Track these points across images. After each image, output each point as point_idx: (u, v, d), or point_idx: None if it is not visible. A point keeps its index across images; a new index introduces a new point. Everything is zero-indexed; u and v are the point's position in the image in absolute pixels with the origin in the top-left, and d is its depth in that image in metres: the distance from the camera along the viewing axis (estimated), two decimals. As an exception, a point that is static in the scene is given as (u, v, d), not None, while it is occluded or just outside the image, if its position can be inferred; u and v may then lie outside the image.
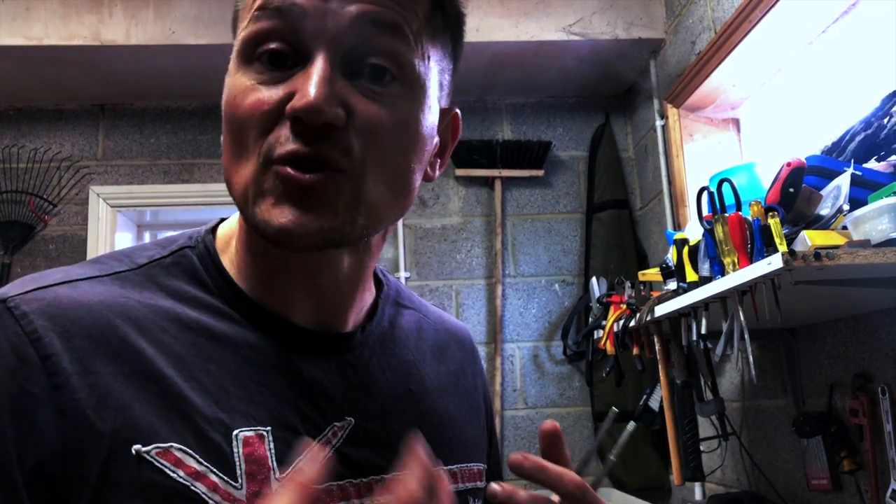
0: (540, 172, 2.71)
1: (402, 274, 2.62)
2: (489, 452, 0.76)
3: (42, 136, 2.67)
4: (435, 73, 0.58)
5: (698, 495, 2.09)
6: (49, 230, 2.60)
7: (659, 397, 2.22)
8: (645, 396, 2.31)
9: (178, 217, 2.87)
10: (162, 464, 0.49)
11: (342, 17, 0.51)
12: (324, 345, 0.60)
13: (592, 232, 2.66)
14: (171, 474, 0.49)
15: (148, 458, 0.49)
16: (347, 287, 0.61)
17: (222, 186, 2.61)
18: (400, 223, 2.61)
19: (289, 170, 0.50)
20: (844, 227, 1.14)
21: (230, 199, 0.55)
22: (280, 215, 0.51)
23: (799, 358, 1.63)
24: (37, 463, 0.47)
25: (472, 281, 2.67)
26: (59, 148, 2.66)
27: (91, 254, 2.55)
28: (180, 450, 0.50)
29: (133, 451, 0.48)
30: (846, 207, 1.16)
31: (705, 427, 1.69)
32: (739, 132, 2.29)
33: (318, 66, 0.50)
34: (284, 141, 0.50)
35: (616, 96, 2.81)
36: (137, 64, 2.42)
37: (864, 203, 1.13)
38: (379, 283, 0.70)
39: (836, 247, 1.05)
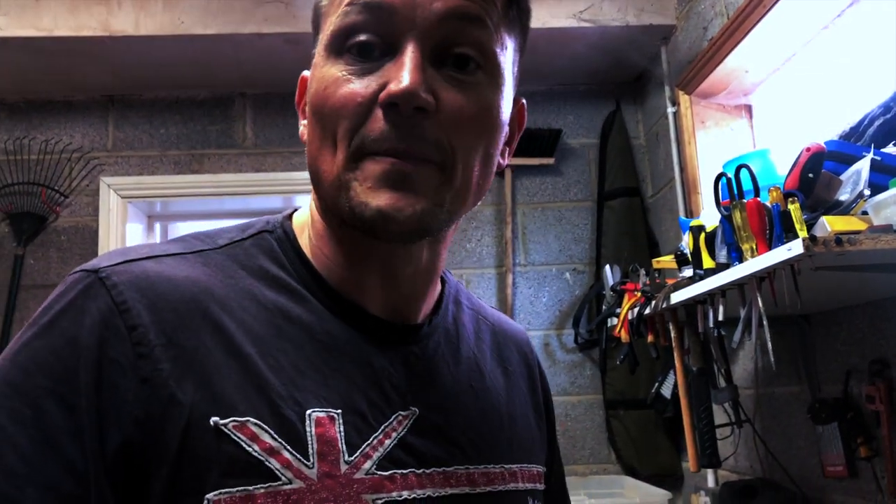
0: (550, 160, 2.69)
1: (413, 263, 2.61)
2: (551, 459, 0.77)
3: (52, 127, 2.67)
4: (510, 62, 0.61)
5: (711, 482, 2.09)
6: (60, 221, 2.60)
7: (671, 385, 2.22)
8: (657, 384, 2.31)
9: (189, 207, 2.85)
10: (239, 437, 0.50)
11: (430, 13, 0.53)
12: (392, 334, 0.61)
13: (603, 220, 2.65)
14: (248, 448, 0.50)
15: (225, 430, 0.49)
16: (423, 279, 0.63)
17: (232, 177, 2.63)
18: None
19: (386, 159, 0.53)
20: (864, 213, 1.13)
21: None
22: (377, 198, 0.53)
23: (814, 344, 1.62)
24: (123, 437, 0.48)
25: (482, 270, 2.66)
26: (70, 139, 2.66)
27: (103, 245, 2.55)
28: (256, 424, 0.50)
29: (211, 423, 0.49)
30: (867, 192, 1.15)
31: (718, 414, 1.69)
32: (752, 119, 2.27)
33: (410, 55, 0.53)
34: (380, 135, 0.53)
35: (627, 83, 2.79)
36: (146, 54, 2.41)
37: (885, 188, 1.12)
38: (442, 279, 0.71)
39: (857, 232, 1.04)
